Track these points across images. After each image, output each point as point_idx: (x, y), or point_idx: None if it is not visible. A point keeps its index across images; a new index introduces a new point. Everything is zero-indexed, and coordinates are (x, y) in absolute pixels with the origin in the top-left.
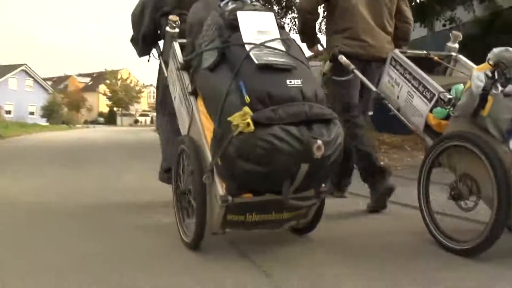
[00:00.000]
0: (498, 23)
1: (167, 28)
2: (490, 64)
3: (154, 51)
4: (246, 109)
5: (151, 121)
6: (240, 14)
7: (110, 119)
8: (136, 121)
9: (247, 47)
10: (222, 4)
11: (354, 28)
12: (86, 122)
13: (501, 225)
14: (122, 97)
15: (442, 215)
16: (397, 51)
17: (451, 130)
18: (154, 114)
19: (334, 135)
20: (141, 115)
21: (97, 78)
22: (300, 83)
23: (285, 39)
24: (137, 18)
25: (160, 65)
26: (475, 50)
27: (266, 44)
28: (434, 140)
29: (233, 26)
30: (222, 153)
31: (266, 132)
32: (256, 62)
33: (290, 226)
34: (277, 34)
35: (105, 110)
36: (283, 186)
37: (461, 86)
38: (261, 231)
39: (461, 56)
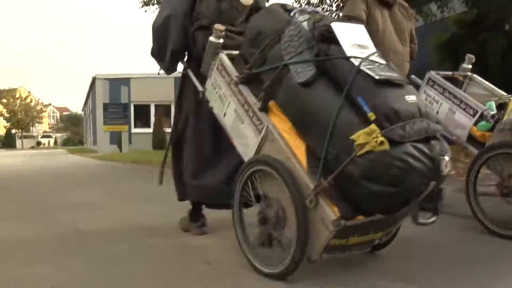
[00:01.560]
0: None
1: (211, 38)
2: None
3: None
4: (373, 126)
5: (55, 143)
6: (335, 26)
7: (7, 142)
8: (39, 143)
9: (354, 61)
10: (293, 14)
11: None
12: None
13: None
14: (22, 118)
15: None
16: (433, 72)
17: (497, 140)
18: (58, 135)
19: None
20: (44, 136)
21: None
22: (415, 99)
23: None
24: (162, 31)
25: (183, 80)
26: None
27: (371, 58)
28: (476, 148)
29: (326, 38)
30: (338, 174)
31: (401, 151)
32: (377, 77)
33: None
34: (373, 47)
35: (1, 132)
36: (411, 206)
37: (493, 103)
38: None
39: (476, 76)
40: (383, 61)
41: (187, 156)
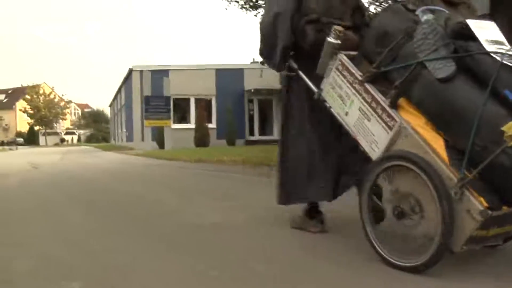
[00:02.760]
0: None
1: (329, 39)
2: None
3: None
4: None
5: (78, 139)
6: (471, 23)
7: (31, 139)
8: (63, 140)
9: (496, 57)
10: (418, 12)
11: None
12: (2, 143)
13: None
14: (45, 114)
15: None
16: None
17: None
18: (81, 131)
19: None
20: (67, 133)
21: (14, 94)
22: None
23: None
24: (271, 30)
25: (287, 79)
26: None
27: (509, 52)
28: None
29: (461, 35)
30: (487, 165)
31: None
32: None
33: None
34: (507, 43)
35: (24, 129)
36: None
37: None
38: None
39: None
40: None
41: (299, 159)
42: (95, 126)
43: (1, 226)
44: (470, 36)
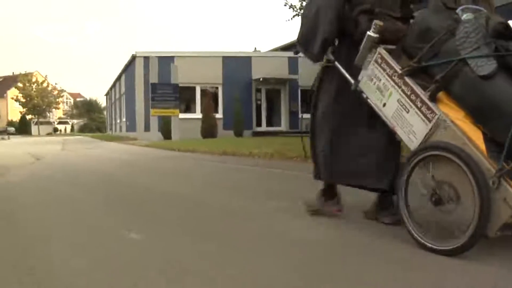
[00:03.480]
0: None
1: (370, 33)
2: None
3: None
4: None
5: (72, 129)
6: None
7: (22, 128)
8: (56, 130)
9: None
10: (458, 11)
11: None
12: None
13: None
14: (38, 103)
15: None
16: None
17: None
18: (74, 121)
19: None
20: (60, 122)
21: (5, 82)
22: None
23: None
24: (312, 23)
25: (322, 69)
26: None
27: None
28: None
29: (503, 35)
30: None
31: None
32: None
33: None
34: None
35: (16, 118)
36: None
37: None
38: None
39: None
40: None
41: (330, 143)
42: (88, 116)
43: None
44: (511, 36)
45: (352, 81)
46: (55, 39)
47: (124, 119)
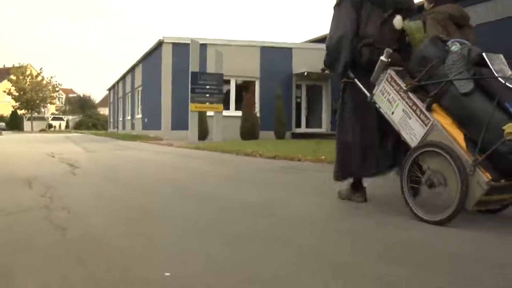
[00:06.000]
0: None
1: (383, 58)
2: None
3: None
4: None
5: (67, 126)
6: (485, 55)
7: (14, 123)
8: (50, 126)
9: (501, 79)
10: (449, 43)
11: None
12: None
13: None
14: (32, 97)
15: None
16: None
17: None
18: (70, 117)
19: None
20: (54, 118)
21: None
22: None
23: None
24: (336, 48)
25: (345, 85)
26: None
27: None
28: None
29: (477, 63)
30: (491, 152)
31: None
32: None
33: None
34: (509, 70)
35: (6, 113)
36: None
37: None
38: None
39: None
40: None
41: (354, 146)
42: (82, 112)
43: None
44: (484, 64)
45: (368, 94)
46: (49, 36)
47: (139, 116)
